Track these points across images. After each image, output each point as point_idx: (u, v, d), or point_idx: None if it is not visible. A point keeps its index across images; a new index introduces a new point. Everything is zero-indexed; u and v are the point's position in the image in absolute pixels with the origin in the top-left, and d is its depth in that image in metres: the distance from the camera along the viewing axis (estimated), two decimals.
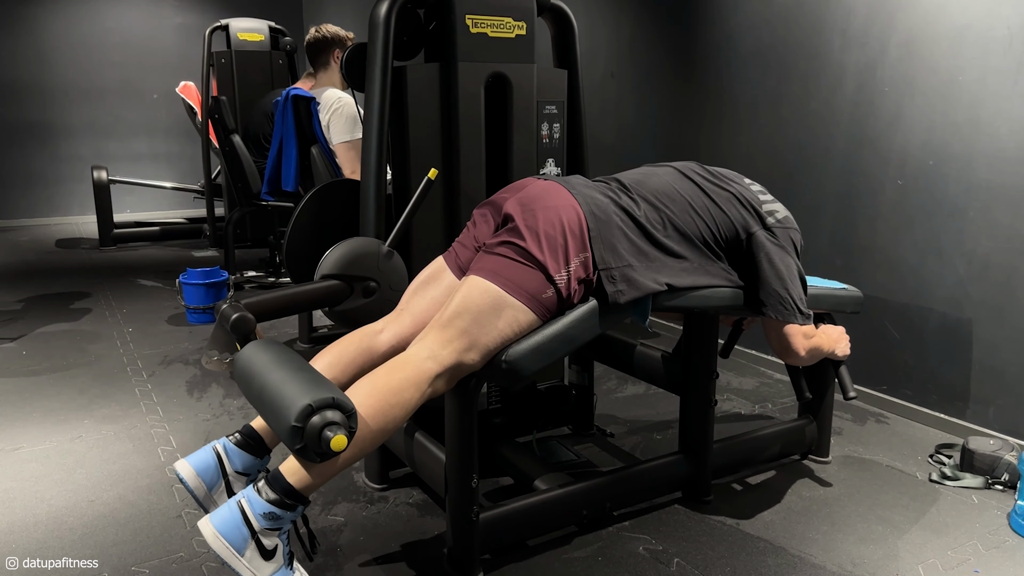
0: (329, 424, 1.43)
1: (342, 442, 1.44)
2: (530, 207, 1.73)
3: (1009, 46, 2.47)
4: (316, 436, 1.43)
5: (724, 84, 3.53)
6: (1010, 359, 2.56)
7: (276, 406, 1.49)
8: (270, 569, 1.49)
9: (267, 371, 1.59)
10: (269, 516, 1.48)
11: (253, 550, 1.48)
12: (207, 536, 1.47)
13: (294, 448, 1.46)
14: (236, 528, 1.47)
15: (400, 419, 1.59)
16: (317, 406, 1.43)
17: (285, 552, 1.53)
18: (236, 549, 1.46)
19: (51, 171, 7.75)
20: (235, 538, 1.47)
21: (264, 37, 5.49)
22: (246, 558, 1.47)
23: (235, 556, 1.46)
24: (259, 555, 1.48)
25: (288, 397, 1.47)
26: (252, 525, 1.48)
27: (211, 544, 1.47)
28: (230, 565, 1.47)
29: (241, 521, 1.48)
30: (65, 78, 7.71)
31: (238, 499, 1.50)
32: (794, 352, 2.01)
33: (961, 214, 2.65)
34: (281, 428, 1.46)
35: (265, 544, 1.49)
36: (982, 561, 1.96)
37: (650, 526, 2.11)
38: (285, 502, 1.49)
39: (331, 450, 1.43)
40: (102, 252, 6.23)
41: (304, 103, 3.28)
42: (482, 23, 2.20)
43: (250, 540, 1.47)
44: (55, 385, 3.17)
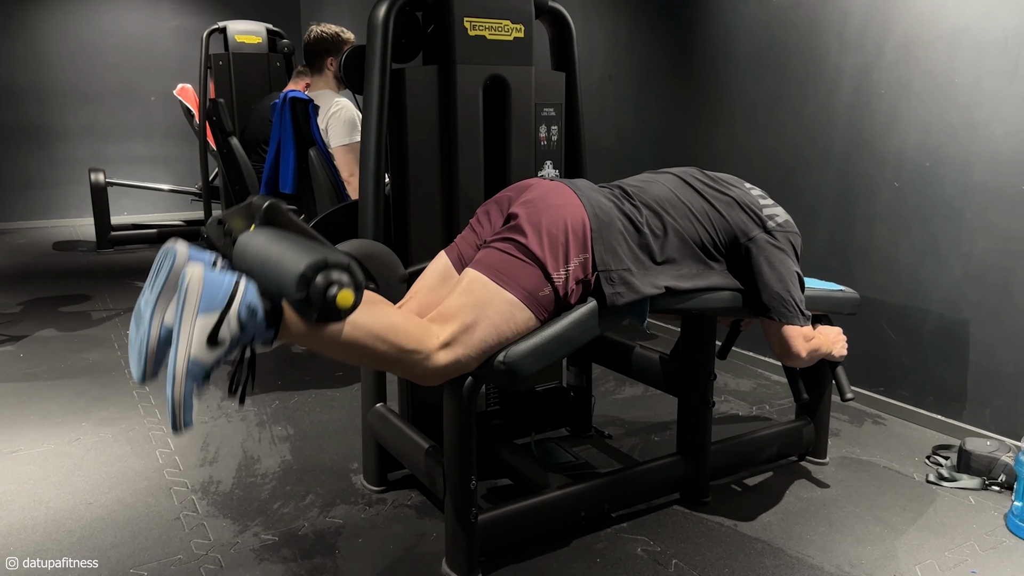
0: (337, 282, 1.37)
1: (348, 299, 1.37)
2: (535, 205, 1.74)
3: (1005, 49, 2.48)
4: (323, 287, 1.35)
5: (722, 86, 3.54)
6: (1007, 360, 2.57)
7: (285, 260, 1.40)
8: (202, 354, 1.33)
9: (277, 240, 1.49)
10: (251, 310, 1.37)
11: (209, 323, 1.33)
12: (191, 274, 1.33)
13: (296, 298, 1.36)
14: (219, 289, 1.35)
15: (384, 356, 1.53)
16: (332, 263, 1.37)
17: (217, 361, 1.36)
18: (202, 305, 1.33)
19: (48, 173, 7.75)
20: (211, 295, 1.34)
21: (262, 39, 5.50)
22: (198, 322, 1.32)
23: (193, 311, 1.32)
24: (208, 332, 1.33)
25: (301, 253, 1.39)
26: (233, 301, 1.35)
27: (188, 281, 1.32)
28: (180, 315, 1.32)
29: (229, 289, 1.35)
30: (63, 80, 7.71)
31: (238, 276, 1.40)
32: (794, 354, 2.02)
33: (958, 216, 2.66)
34: (288, 277, 1.36)
35: (221, 331, 1.34)
36: (979, 562, 1.96)
37: (648, 527, 2.11)
38: (271, 316, 1.40)
39: (335, 306, 1.36)
40: (99, 254, 6.22)
41: (302, 105, 3.28)
42: (480, 25, 2.21)
43: (218, 312, 1.34)
44: (53, 388, 3.17)
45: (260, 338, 1.41)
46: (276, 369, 3.41)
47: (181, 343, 1.32)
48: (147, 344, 1.34)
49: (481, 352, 1.66)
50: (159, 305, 1.36)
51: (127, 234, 6.53)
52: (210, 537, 2.05)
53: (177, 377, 1.31)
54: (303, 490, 2.31)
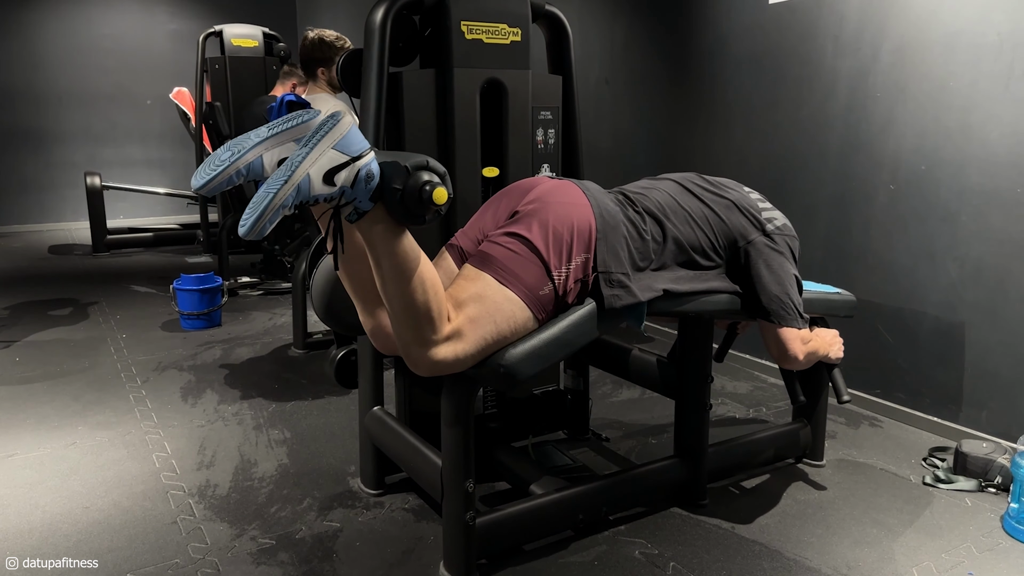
0: (432, 183, 1.48)
1: (443, 195, 1.47)
2: (543, 201, 1.74)
3: (1000, 52, 2.49)
4: (421, 183, 1.47)
5: (718, 90, 3.55)
6: (1003, 362, 2.58)
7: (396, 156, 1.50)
8: (317, 178, 1.37)
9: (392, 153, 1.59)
10: (369, 175, 1.43)
11: (337, 159, 1.39)
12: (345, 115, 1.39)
13: (394, 186, 1.46)
14: (359, 142, 1.41)
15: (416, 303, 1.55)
16: (432, 166, 1.49)
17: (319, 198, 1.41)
18: (341, 143, 1.39)
19: (44, 177, 7.74)
20: (350, 141, 1.40)
21: (258, 43, 5.49)
22: (330, 154, 1.38)
23: (331, 141, 1.38)
24: (332, 166, 1.38)
25: (409, 155, 1.51)
26: (362, 158, 1.41)
27: (341, 117, 1.39)
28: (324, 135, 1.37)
29: (364, 148, 1.42)
30: (59, 84, 7.70)
31: (372, 147, 1.47)
32: (792, 356, 2.02)
33: (953, 218, 2.66)
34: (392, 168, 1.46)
35: (341, 173, 1.40)
36: (976, 563, 1.97)
37: (646, 530, 2.11)
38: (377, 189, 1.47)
39: (431, 200, 1.46)
40: (95, 258, 6.21)
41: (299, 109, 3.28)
42: (477, 29, 2.21)
43: (348, 156, 1.40)
44: (49, 391, 3.16)
45: (359, 204, 1.47)
46: (273, 373, 3.41)
47: (310, 156, 1.36)
48: (235, 161, 1.35)
49: (479, 349, 1.65)
50: (268, 142, 1.39)
51: (123, 237, 6.53)
52: (207, 541, 2.05)
53: (292, 180, 1.34)
54: (300, 494, 2.31)
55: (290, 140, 1.39)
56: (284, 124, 1.39)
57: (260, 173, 1.37)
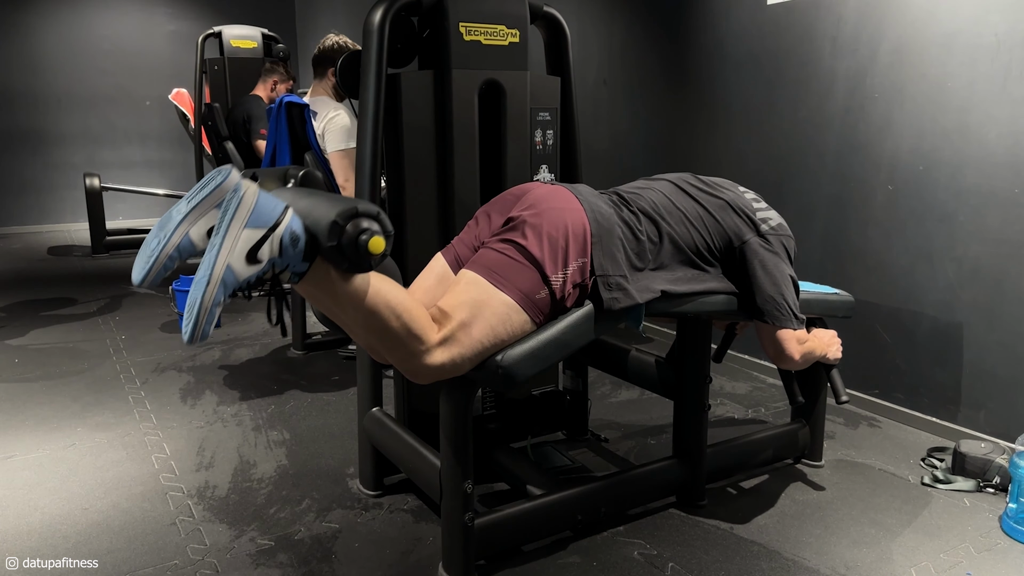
0: (368, 230, 1.42)
1: (379, 244, 1.42)
2: (536, 207, 1.75)
3: (997, 53, 2.50)
4: (355, 234, 1.41)
5: (716, 91, 3.56)
6: (1000, 362, 2.58)
7: (316, 210, 1.44)
8: (239, 266, 1.33)
9: (306, 196, 1.54)
10: (293, 238, 1.39)
11: (254, 237, 1.34)
12: (246, 188, 1.35)
13: (328, 245, 1.40)
14: (271, 210, 1.37)
15: (391, 331, 1.55)
16: (363, 211, 1.42)
17: (248, 280, 1.37)
18: (251, 219, 1.34)
19: (43, 178, 7.74)
20: (262, 213, 1.35)
21: (257, 44, 5.50)
22: (244, 234, 1.33)
23: (242, 222, 1.33)
24: (250, 246, 1.34)
25: (332, 203, 1.43)
26: (280, 224, 1.37)
27: (243, 193, 1.34)
28: (231, 218, 1.32)
29: (278, 213, 1.37)
30: (58, 85, 7.70)
31: (287, 204, 1.41)
32: (788, 357, 2.03)
33: (951, 219, 2.67)
34: (320, 224, 1.41)
35: (262, 249, 1.36)
36: (974, 564, 1.97)
37: (645, 531, 2.11)
38: (309, 248, 1.43)
39: (367, 251, 1.41)
40: (94, 259, 6.21)
41: (298, 110, 3.29)
42: (476, 31, 2.22)
43: (264, 229, 1.35)
44: (48, 393, 3.16)
45: (293, 268, 1.44)
46: (272, 374, 3.41)
47: (224, 248, 1.32)
48: (163, 247, 1.32)
49: (476, 353, 1.66)
50: (190, 216, 1.34)
51: (122, 239, 6.52)
52: (206, 542, 2.05)
53: (213, 279, 1.30)
54: (299, 495, 2.31)
55: (211, 207, 1.34)
56: (200, 193, 1.35)
57: (192, 250, 1.33)
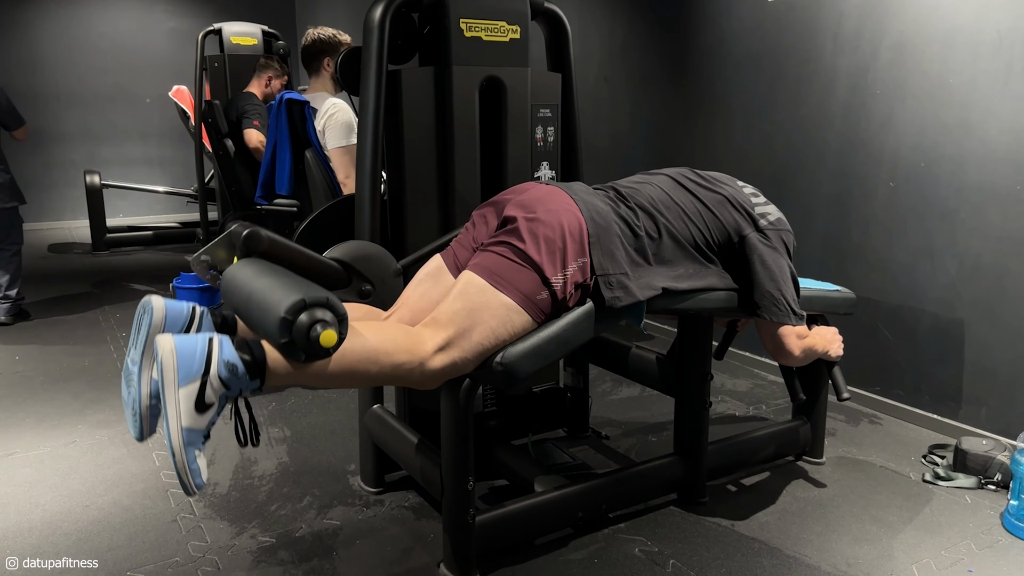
0: (320, 321, 1.38)
1: (331, 338, 1.38)
2: (531, 209, 1.74)
3: (999, 49, 2.49)
4: (306, 329, 1.36)
5: (717, 88, 3.55)
6: (1002, 359, 2.58)
7: (266, 302, 1.41)
8: (192, 421, 1.34)
9: (259, 276, 1.52)
10: (230, 368, 1.37)
11: (193, 391, 1.34)
12: (161, 347, 1.33)
13: (280, 343, 1.38)
14: (194, 356, 1.34)
15: (377, 375, 1.55)
16: (311, 302, 1.38)
17: (211, 421, 1.38)
18: (180, 376, 1.33)
19: (44, 176, 7.73)
20: (188, 366, 1.34)
21: (257, 41, 5.49)
22: (181, 393, 1.33)
23: (173, 383, 1.32)
24: (194, 400, 1.34)
25: (280, 293, 1.40)
26: (211, 365, 1.35)
27: (160, 356, 1.32)
28: (162, 390, 1.32)
29: (204, 353, 1.35)
30: (58, 83, 7.69)
31: (210, 335, 1.39)
32: (788, 352, 2.02)
33: (952, 215, 2.66)
34: (270, 322, 1.38)
35: (206, 395, 1.35)
36: (975, 560, 1.97)
37: (646, 528, 2.11)
38: (251, 367, 1.40)
39: (319, 346, 1.37)
40: (95, 257, 6.21)
41: (298, 107, 3.28)
42: (476, 27, 2.21)
43: (198, 379, 1.34)
44: (49, 390, 3.16)
45: (247, 389, 1.42)
46: None
47: (171, 417, 1.33)
48: (139, 403, 1.38)
49: (478, 355, 1.66)
50: (144, 363, 1.39)
51: (123, 236, 6.52)
52: (207, 539, 2.05)
53: (176, 450, 1.33)
54: (300, 492, 2.31)
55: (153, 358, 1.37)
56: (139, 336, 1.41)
57: None
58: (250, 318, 1.49)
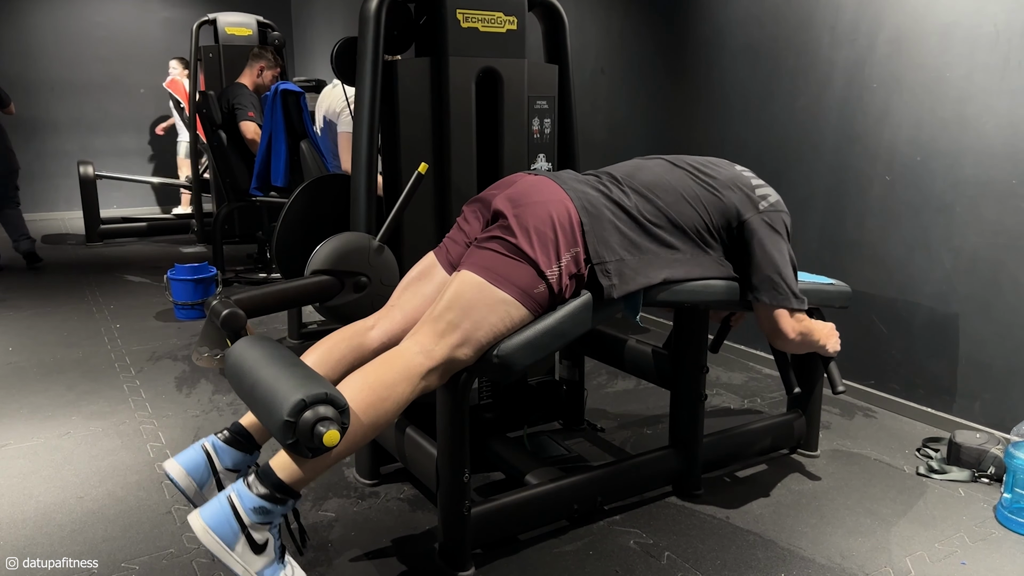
0: (322, 419, 1.43)
1: (335, 437, 1.44)
2: (520, 202, 1.73)
3: (996, 43, 2.49)
4: (309, 431, 1.43)
5: (714, 80, 3.54)
6: (996, 353, 2.58)
7: (268, 402, 1.49)
8: (261, 563, 1.49)
9: (258, 367, 1.59)
10: (259, 511, 1.49)
11: (244, 544, 1.48)
12: (197, 531, 1.47)
13: (286, 443, 1.46)
14: (226, 523, 1.47)
15: (392, 413, 1.59)
16: (310, 401, 1.43)
17: (276, 546, 1.53)
18: (227, 544, 1.46)
19: (37, 166, 7.69)
20: (225, 533, 1.47)
21: (252, 32, 5.46)
22: (237, 552, 1.47)
23: (226, 551, 1.46)
24: (250, 549, 1.48)
25: (281, 392, 1.47)
26: (242, 519, 1.48)
27: (201, 539, 1.46)
28: (221, 560, 1.47)
29: (231, 516, 1.48)
30: (51, 73, 7.65)
31: (228, 494, 1.50)
32: (784, 334, 1.99)
33: (948, 209, 2.67)
34: (273, 424, 1.46)
35: (256, 538, 1.49)
36: (969, 553, 1.98)
37: (641, 520, 2.12)
38: (275, 496, 1.50)
39: (323, 445, 1.43)
40: (88, 248, 6.18)
41: (293, 98, 3.27)
42: (473, 17, 2.20)
43: (240, 535, 1.47)
44: (42, 381, 3.15)
45: (286, 511, 1.54)
46: None
47: None
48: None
49: (478, 350, 1.67)
50: None
51: (116, 227, 6.49)
52: None
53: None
54: None
55: None
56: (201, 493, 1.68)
57: None
58: (257, 415, 1.57)
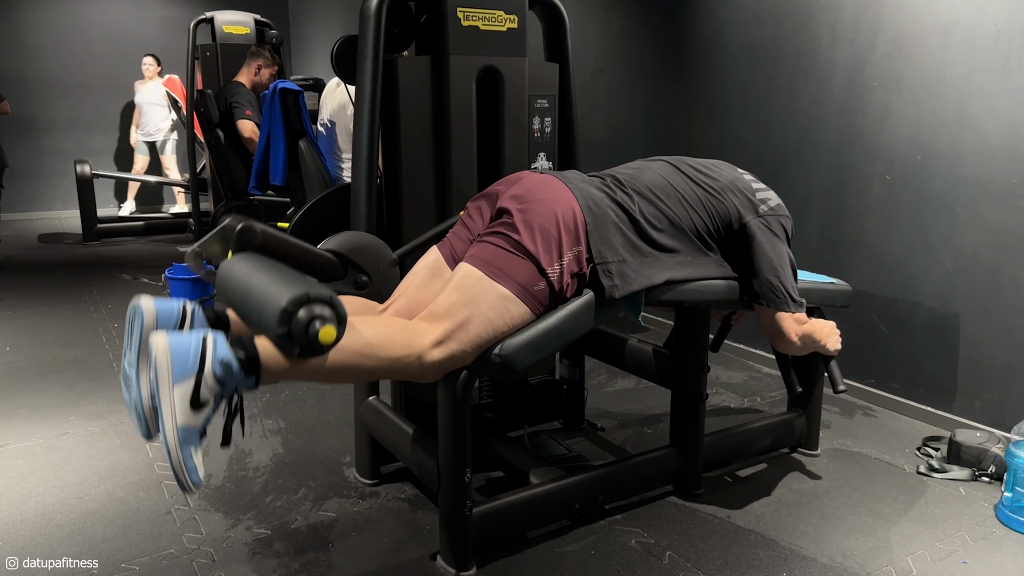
0: (320, 316, 1.36)
1: (331, 334, 1.36)
2: (525, 199, 1.73)
3: (996, 43, 2.49)
4: (305, 324, 1.34)
5: (714, 80, 3.54)
6: (996, 353, 2.58)
7: (265, 295, 1.39)
8: (189, 420, 1.33)
9: (257, 271, 1.50)
10: (225, 366, 1.36)
11: (187, 389, 1.33)
12: (155, 346, 1.32)
13: (277, 334, 1.36)
14: (188, 354, 1.34)
15: (374, 369, 1.54)
16: (314, 297, 1.36)
17: (207, 420, 1.37)
18: (174, 375, 1.32)
19: (33, 165, 7.67)
20: (181, 363, 1.33)
21: (249, 30, 5.45)
22: (176, 392, 1.32)
23: (168, 382, 1.32)
24: (189, 398, 1.33)
25: (281, 286, 1.38)
26: (204, 362, 1.34)
27: (155, 355, 1.32)
28: (157, 389, 1.32)
29: (197, 351, 1.34)
30: (48, 72, 7.63)
31: (205, 334, 1.38)
32: (786, 339, 2.01)
33: (948, 209, 2.67)
34: (269, 313, 1.35)
35: (201, 393, 1.34)
36: (970, 552, 1.98)
37: (642, 519, 2.11)
38: (245, 364, 1.39)
39: (317, 342, 1.35)
40: (86, 247, 6.17)
41: (292, 96, 3.26)
42: (473, 16, 2.19)
43: (192, 376, 1.33)
44: (40, 381, 3.14)
45: (242, 387, 1.41)
46: None
47: (165, 416, 1.32)
48: (141, 405, 1.38)
49: (476, 347, 1.65)
50: (141, 364, 1.39)
51: (113, 226, 6.48)
52: (202, 531, 2.04)
53: (171, 449, 1.32)
54: (295, 484, 2.30)
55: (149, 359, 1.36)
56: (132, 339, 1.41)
57: None
58: (246, 311, 1.47)
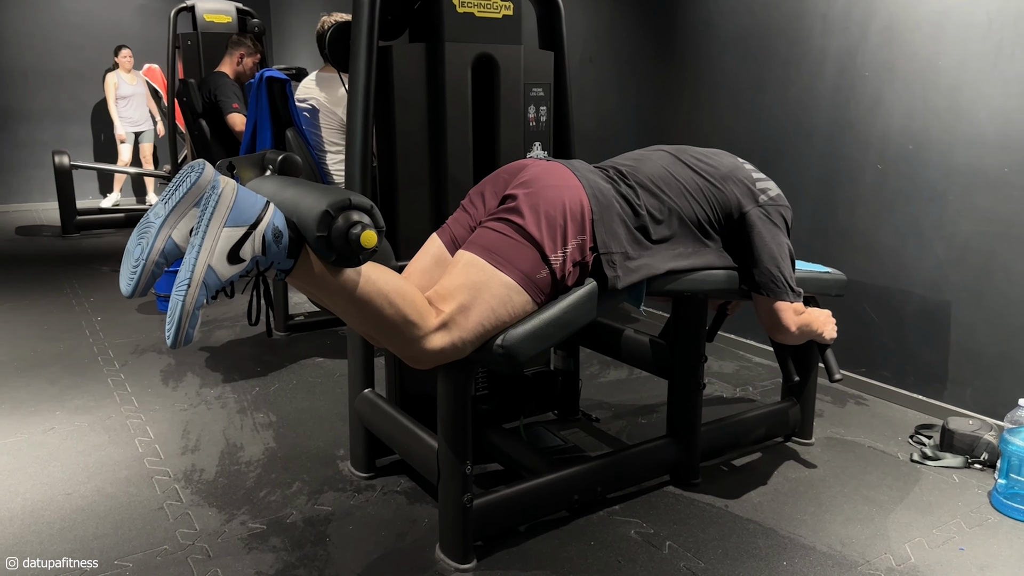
0: (360, 223, 1.37)
1: (372, 239, 1.37)
2: (532, 186, 1.71)
3: (988, 32, 2.49)
4: (346, 228, 1.36)
5: (705, 69, 3.53)
6: (987, 341, 2.60)
7: (307, 199, 1.39)
8: (221, 266, 1.30)
9: (294, 184, 1.50)
10: (276, 233, 1.36)
11: (234, 236, 1.31)
12: (225, 183, 1.32)
13: (316, 235, 1.36)
14: (251, 205, 1.33)
15: (388, 319, 1.52)
16: (355, 203, 1.38)
17: (231, 279, 1.34)
18: (230, 217, 1.30)
19: (10, 156, 7.52)
20: (241, 209, 1.31)
21: (231, 19, 5.36)
22: (224, 233, 1.30)
23: (220, 221, 1.30)
24: (231, 245, 1.31)
25: (322, 193, 1.38)
26: (261, 221, 1.34)
27: (221, 190, 1.30)
28: (207, 223, 1.29)
29: (259, 209, 1.34)
30: (24, 61, 7.47)
31: (268, 200, 1.38)
32: (784, 327, 2.00)
33: (940, 198, 2.68)
34: (309, 215, 1.35)
35: (243, 247, 1.32)
36: (966, 539, 1.99)
37: (641, 510, 2.11)
38: (292, 243, 1.39)
39: (359, 244, 1.37)
40: (65, 239, 6.06)
41: (279, 85, 3.21)
42: (469, 2, 2.16)
43: (245, 228, 1.32)
44: (23, 376, 3.07)
45: (279, 265, 1.40)
46: (255, 355, 3.35)
47: (204, 249, 1.28)
48: (148, 254, 1.28)
49: (477, 336, 1.63)
50: (170, 219, 1.30)
51: (94, 218, 6.37)
52: (196, 527, 2.00)
53: (193, 281, 1.26)
54: (289, 478, 2.27)
55: (190, 206, 1.30)
56: (176, 193, 1.30)
57: (178, 253, 1.29)
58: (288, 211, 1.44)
